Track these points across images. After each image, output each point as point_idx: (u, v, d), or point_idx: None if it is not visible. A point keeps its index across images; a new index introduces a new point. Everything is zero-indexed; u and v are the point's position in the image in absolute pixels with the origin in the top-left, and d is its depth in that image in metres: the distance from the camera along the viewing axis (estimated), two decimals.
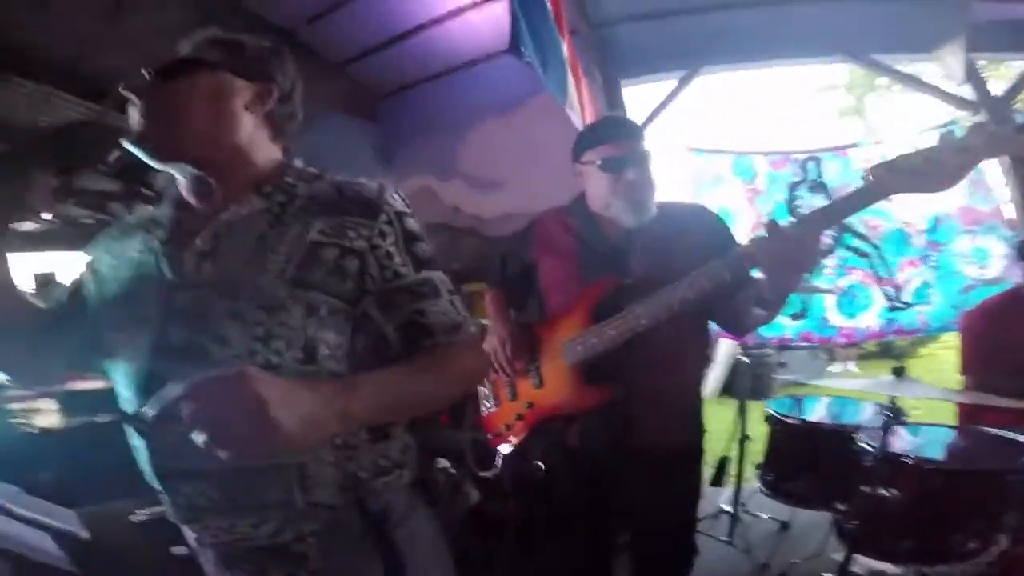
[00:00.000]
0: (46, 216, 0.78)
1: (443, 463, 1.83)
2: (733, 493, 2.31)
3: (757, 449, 2.25)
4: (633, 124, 1.43)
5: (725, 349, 5.24)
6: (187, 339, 0.67)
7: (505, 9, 3.72)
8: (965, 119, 3.54)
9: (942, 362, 1.57)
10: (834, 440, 1.72)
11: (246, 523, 0.69)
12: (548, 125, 4.81)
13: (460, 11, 3.79)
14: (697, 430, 1.41)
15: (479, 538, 1.88)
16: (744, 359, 3.11)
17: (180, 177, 0.76)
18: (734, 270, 1.13)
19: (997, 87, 3.65)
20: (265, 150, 0.80)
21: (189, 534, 0.79)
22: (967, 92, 3.52)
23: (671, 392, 1.32)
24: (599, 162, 1.30)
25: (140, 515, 1.21)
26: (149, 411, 0.59)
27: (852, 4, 3.48)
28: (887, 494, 1.36)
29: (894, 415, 1.47)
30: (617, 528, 1.43)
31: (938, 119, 3.75)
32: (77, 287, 0.82)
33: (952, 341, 3.54)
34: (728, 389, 5.12)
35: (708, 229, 1.37)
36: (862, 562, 1.54)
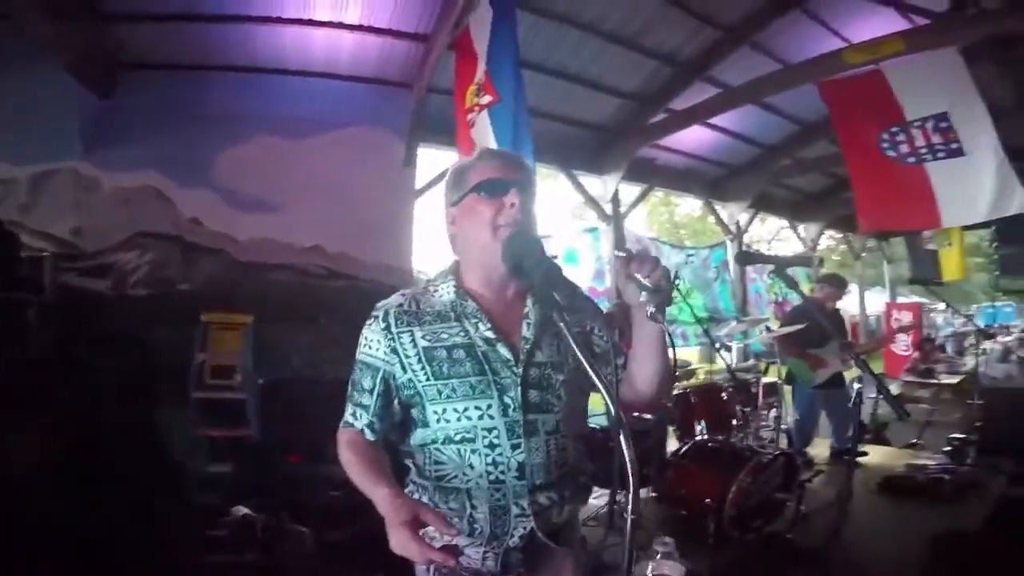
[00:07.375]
0: None
1: None
2: None
3: None
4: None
5: None
6: (540, 398, 0.95)
7: (355, 40, 3.68)
8: (603, 227, 5.78)
9: None
10: None
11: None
12: (353, 160, 4.55)
13: (305, 22, 3.56)
14: None
15: None
16: None
17: (493, 274, 0.96)
18: None
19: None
20: None
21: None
22: (608, 208, 5.63)
23: None
24: None
25: None
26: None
27: (575, 129, 5.05)
28: None
29: None
30: None
31: (588, 223, 5.88)
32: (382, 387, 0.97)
33: None
34: None
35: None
36: None
